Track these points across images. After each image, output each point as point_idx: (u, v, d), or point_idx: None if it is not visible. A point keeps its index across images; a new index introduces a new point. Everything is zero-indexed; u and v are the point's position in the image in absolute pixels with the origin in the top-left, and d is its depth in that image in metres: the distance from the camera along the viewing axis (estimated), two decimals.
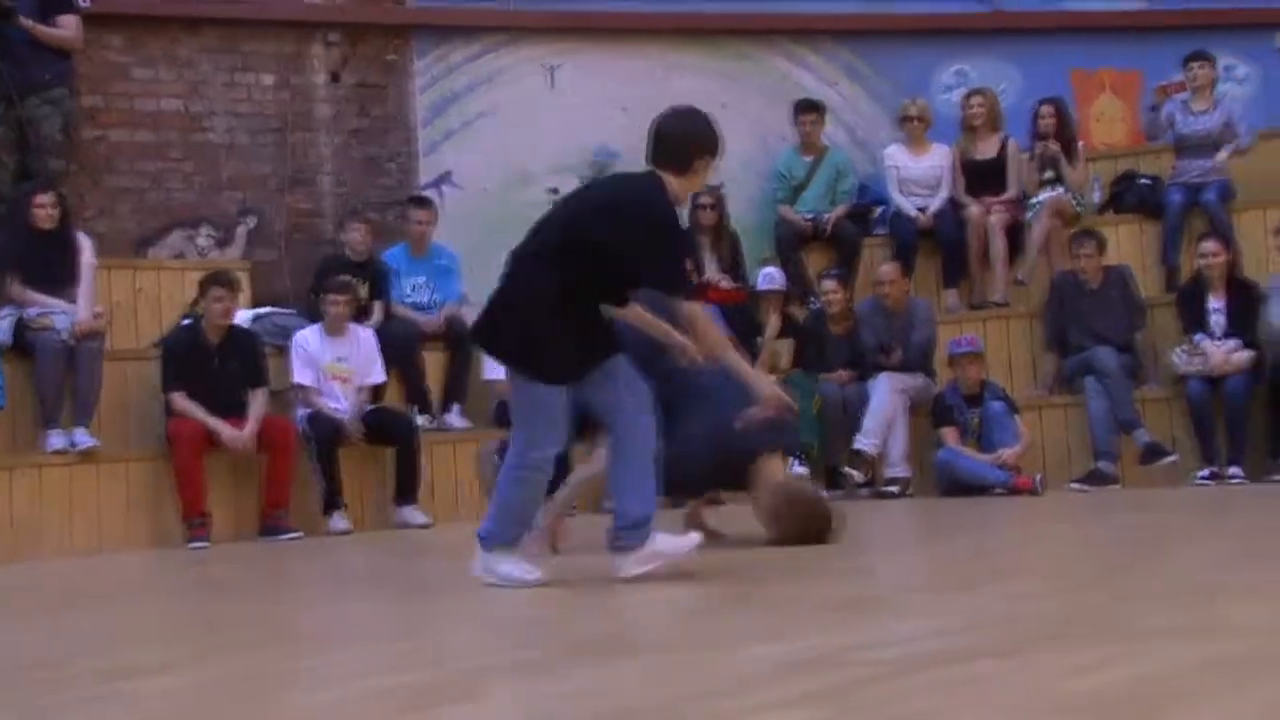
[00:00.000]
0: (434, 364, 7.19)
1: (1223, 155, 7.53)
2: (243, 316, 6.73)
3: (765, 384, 3.92)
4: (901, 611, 2.96)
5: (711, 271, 7.72)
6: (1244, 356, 6.53)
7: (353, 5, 8.09)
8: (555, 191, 8.24)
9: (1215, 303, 6.79)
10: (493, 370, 7.08)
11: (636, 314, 3.95)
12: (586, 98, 8.29)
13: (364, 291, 7.12)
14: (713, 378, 4.05)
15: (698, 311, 3.71)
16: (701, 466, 4.33)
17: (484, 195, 8.17)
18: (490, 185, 8.18)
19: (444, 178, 8.09)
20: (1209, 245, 6.82)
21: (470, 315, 7.57)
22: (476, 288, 7.88)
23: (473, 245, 8.01)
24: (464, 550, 5.44)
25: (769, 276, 7.47)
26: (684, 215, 3.79)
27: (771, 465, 4.42)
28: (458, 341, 7.20)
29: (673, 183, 3.62)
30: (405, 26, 8.10)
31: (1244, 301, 6.73)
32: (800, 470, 6.86)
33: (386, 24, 8.07)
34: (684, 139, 3.65)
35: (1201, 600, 2.91)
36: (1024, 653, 2.35)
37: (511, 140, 8.19)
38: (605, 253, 3.52)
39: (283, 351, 6.68)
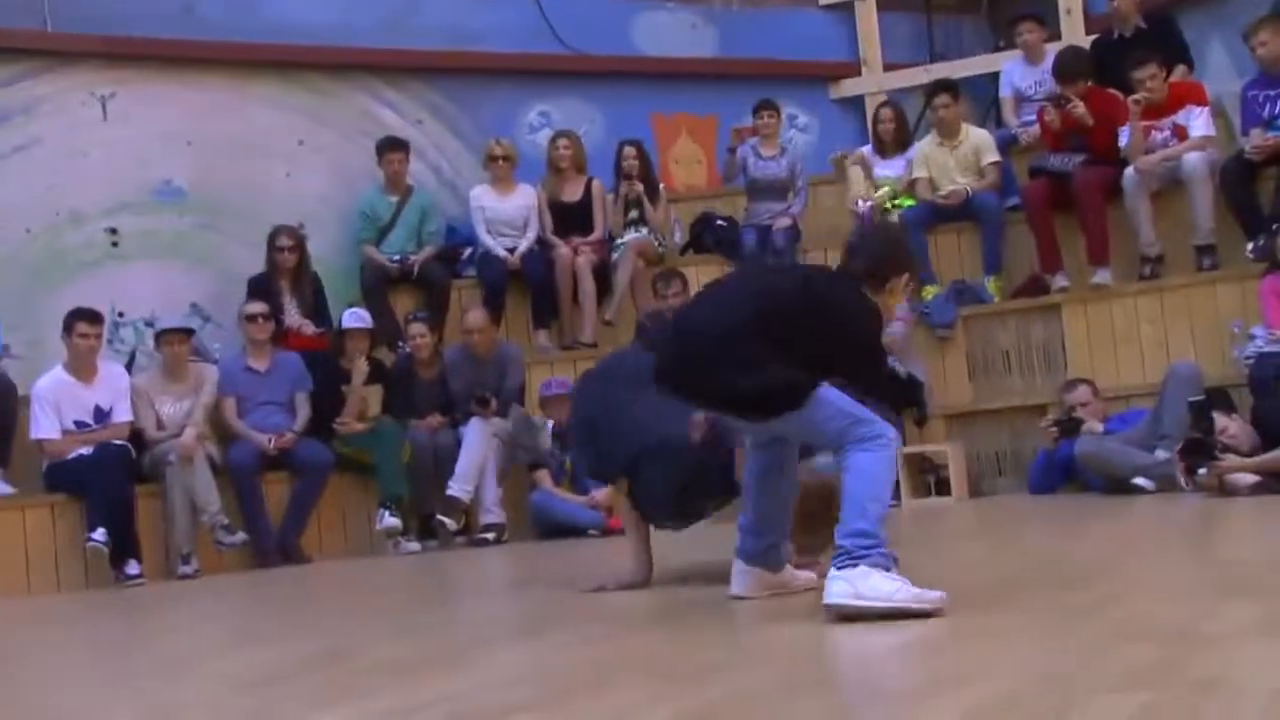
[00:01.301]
0: None
1: (796, 208, 8.24)
2: None
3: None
4: (462, 666, 3.02)
5: (293, 317, 7.55)
6: None
7: None
8: (114, 231, 7.80)
9: None
10: (40, 428, 6.57)
11: None
12: (146, 130, 7.87)
13: None
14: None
15: None
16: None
17: (27, 237, 7.56)
18: (35, 226, 7.57)
19: None
20: None
21: (13, 368, 7.04)
22: (19, 338, 7.32)
23: (13, 292, 7.41)
24: (2, 630, 5.01)
25: (356, 316, 7.41)
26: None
27: None
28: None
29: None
30: None
31: None
32: (392, 521, 6.83)
33: None
34: (883, 255, 3.44)
35: (748, 632, 3.15)
36: (570, 700, 2.46)
37: (59, 176, 7.63)
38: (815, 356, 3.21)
39: None
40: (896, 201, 8.02)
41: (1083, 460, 6.20)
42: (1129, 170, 7.17)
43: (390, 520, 6.79)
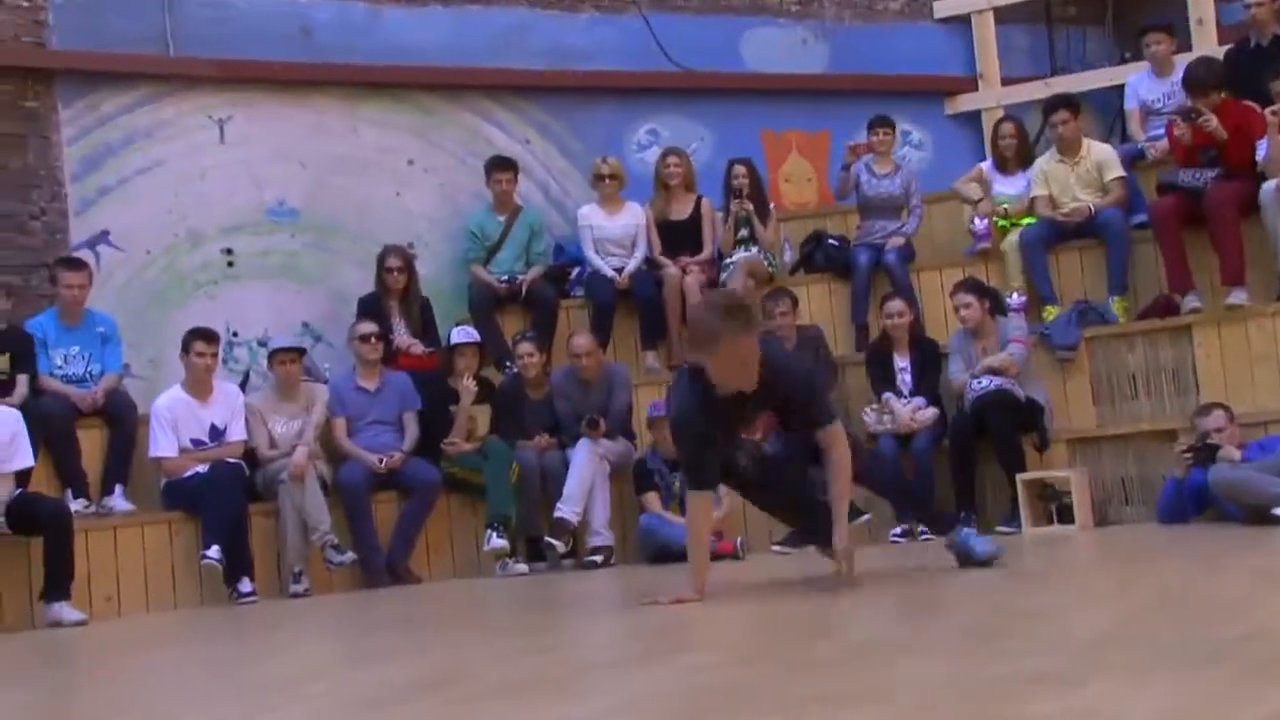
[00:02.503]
0: (91, 442, 6.78)
1: (910, 227, 8.13)
2: None
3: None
4: (571, 692, 3.00)
5: (402, 337, 7.65)
6: (929, 414, 7.04)
7: None
8: (230, 252, 8.01)
9: (901, 361, 7.29)
10: (158, 446, 6.75)
11: None
12: (261, 152, 8.08)
13: (4, 364, 6.64)
14: None
15: None
16: None
17: (147, 258, 7.80)
18: (155, 247, 7.81)
19: (99, 237, 7.68)
20: (894, 305, 7.33)
21: (133, 387, 7.26)
22: (139, 357, 7.55)
23: (135, 311, 7.64)
24: (120, 648, 5.16)
25: (465, 332, 7.48)
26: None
27: None
28: (118, 417, 6.84)
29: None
30: (46, 70, 7.60)
31: (928, 360, 7.27)
32: (500, 543, 6.85)
33: (22, 66, 7.54)
34: None
35: (869, 663, 3.09)
36: None
37: (178, 198, 7.86)
38: None
39: None
40: (1014, 219, 7.88)
41: (1218, 489, 5.99)
42: (1268, 185, 6.94)
43: (497, 541, 6.82)
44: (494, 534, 6.84)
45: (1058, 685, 2.62)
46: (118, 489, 6.74)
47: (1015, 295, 7.57)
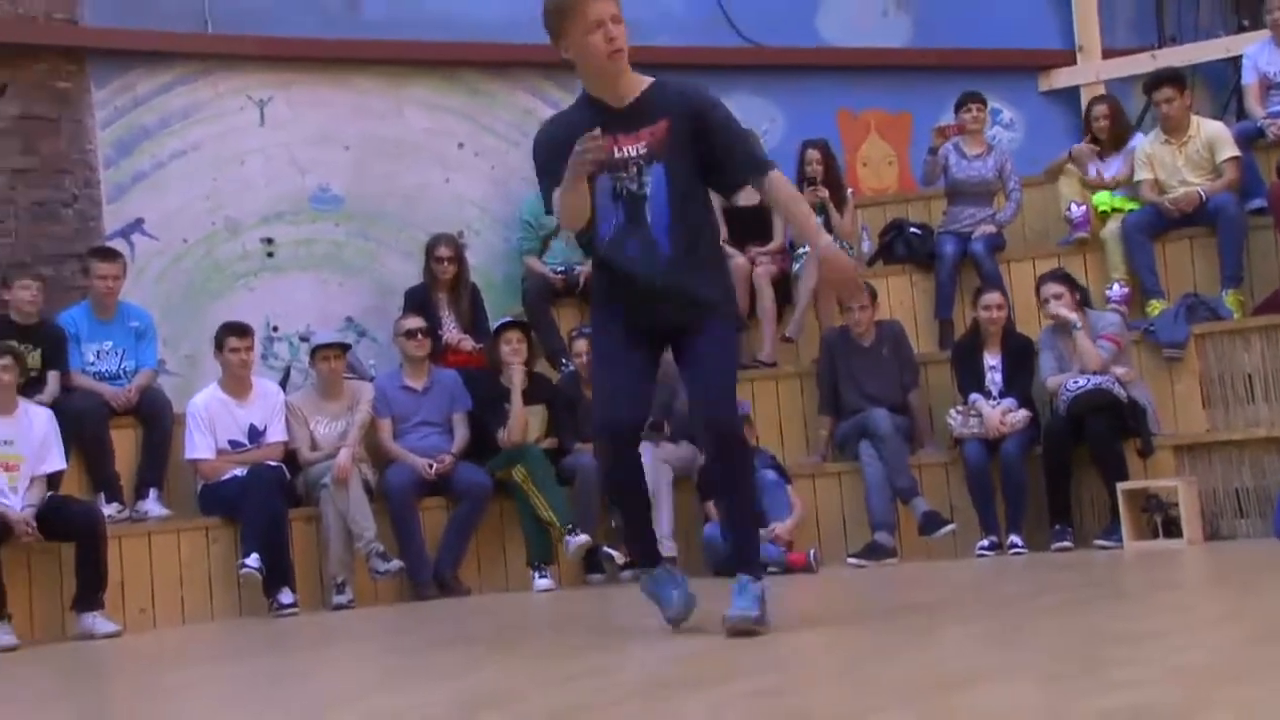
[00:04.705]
0: (125, 443, 6.89)
1: (1006, 215, 8.06)
2: None
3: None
4: (629, 717, 3.00)
5: (450, 332, 7.70)
6: (1020, 417, 6.95)
7: (12, 20, 7.67)
8: (270, 241, 8.11)
9: (991, 360, 7.21)
10: (194, 448, 6.84)
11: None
12: (303, 135, 8.17)
13: (35, 360, 6.76)
14: None
15: None
16: None
17: (184, 247, 7.91)
18: (191, 235, 7.93)
19: (134, 226, 7.81)
20: (992, 297, 7.22)
21: (169, 385, 7.37)
22: (175, 353, 7.66)
23: (170, 304, 7.76)
24: (158, 662, 5.24)
25: (508, 319, 7.47)
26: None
27: None
28: (153, 416, 6.94)
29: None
30: (78, 49, 7.72)
31: (1019, 358, 7.18)
32: (545, 582, 6.86)
33: (53, 45, 7.66)
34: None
35: (951, 691, 3.06)
36: None
37: (216, 184, 7.97)
38: None
39: None
40: (1117, 205, 7.78)
41: None
42: None
43: (544, 582, 6.83)
44: (537, 575, 6.85)
45: None
46: (152, 493, 6.83)
47: (1116, 286, 7.46)
